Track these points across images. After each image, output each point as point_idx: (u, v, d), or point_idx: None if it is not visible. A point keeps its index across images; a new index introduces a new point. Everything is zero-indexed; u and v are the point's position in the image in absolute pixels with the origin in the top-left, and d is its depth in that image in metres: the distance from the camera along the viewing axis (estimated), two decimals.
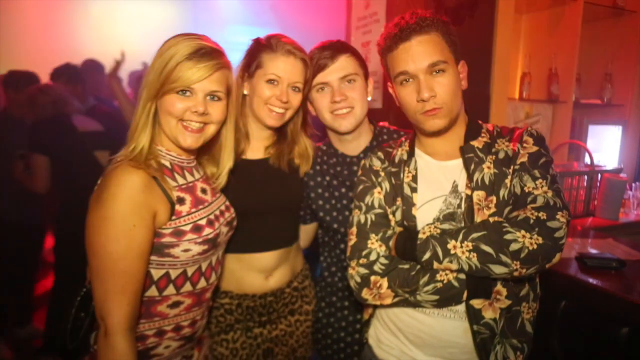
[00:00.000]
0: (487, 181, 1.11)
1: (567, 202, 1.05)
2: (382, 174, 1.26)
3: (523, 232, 0.98)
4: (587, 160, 2.73)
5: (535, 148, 1.12)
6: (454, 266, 1.03)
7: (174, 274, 1.12)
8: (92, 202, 1.03)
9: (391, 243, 1.17)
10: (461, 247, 1.02)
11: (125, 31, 5.27)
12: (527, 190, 1.06)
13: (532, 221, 0.99)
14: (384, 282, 1.11)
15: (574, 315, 1.55)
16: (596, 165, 2.67)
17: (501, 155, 1.14)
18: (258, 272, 1.46)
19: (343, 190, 1.50)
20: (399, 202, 1.20)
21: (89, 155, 2.71)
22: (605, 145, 3.08)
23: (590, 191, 2.58)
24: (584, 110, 3.05)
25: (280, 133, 1.51)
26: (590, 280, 1.53)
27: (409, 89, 1.14)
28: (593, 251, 1.84)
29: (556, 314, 1.59)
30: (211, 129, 1.17)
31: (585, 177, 2.56)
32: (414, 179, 1.20)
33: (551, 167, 1.10)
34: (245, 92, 1.42)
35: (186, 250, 1.10)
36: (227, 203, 1.31)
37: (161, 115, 1.12)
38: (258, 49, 1.38)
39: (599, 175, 2.59)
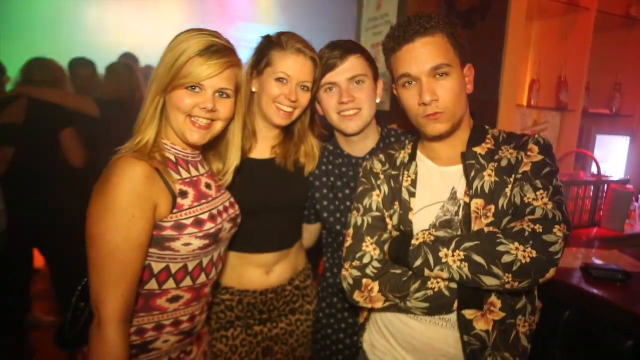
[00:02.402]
0: (487, 189, 1.08)
1: (568, 216, 1.02)
2: (382, 176, 1.25)
3: (517, 244, 0.95)
4: (594, 170, 2.71)
5: (539, 157, 1.08)
6: (445, 275, 1.02)
7: (174, 268, 1.12)
8: (94, 191, 1.03)
9: (386, 247, 1.16)
10: (453, 256, 1.00)
11: (133, 27, 5.29)
12: (526, 201, 1.03)
13: (527, 233, 0.96)
14: (375, 286, 1.10)
15: (578, 326, 1.54)
16: (603, 175, 2.65)
17: (504, 163, 1.11)
18: (258, 267, 1.46)
19: (347, 191, 1.50)
20: (396, 206, 1.19)
21: None
22: (612, 156, 3.06)
23: (596, 201, 2.56)
24: (592, 120, 3.03)
25: (287, 132, 1.51)
26: (595, 291, 1.51)
27: (411, 91, 1.12)
28: (598, 262, 1.83)
29: (560, 324, 1.57)
30: (218, 126, 1.17)
31: (592, 187, 2.54)
32: (413, 183, 1.19)
33: (555, 178, 1.07)
34: (254, 89, 1.42)
35: (187, 245, 1.10)
36: (232, 200, 1.31)
37: (169, 110, 1.12)
38: (268, 47, 1.38)
39: (606, 186, 2.57)
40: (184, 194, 1.12)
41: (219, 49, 1.10)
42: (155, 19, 5.48)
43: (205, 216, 1.14)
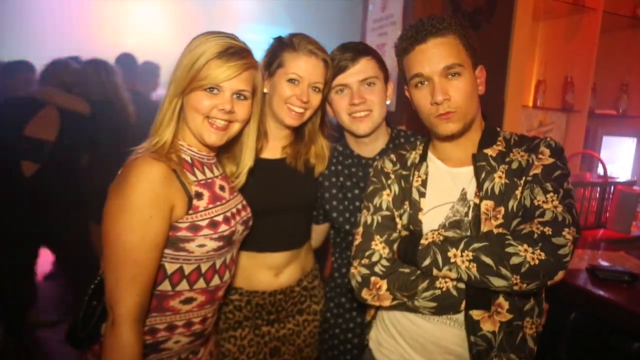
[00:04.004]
0: (497, 191, 1.09)
1: (578, 219, 1.02)
2: (393, 176, 1.26)
3: (525, 246, 0.96)
4: (600, 171, 2.70)
5: (550, 160, 1.09)
6: (453, 275, 1.03)
7: (187, 269, 1.12)
8: (111, 190, 1.04)
9: (395, 246, 1.16)
10: (461, 256, 1.01)
11: (140, 28, 5.32)
12: (536, 204, 1.03)
13: (536, 236, 0.97)
14: (384, 284, 1.11)
15: (584, 328, 1.54)
16: (609, 176, 2.64)
17: (515, 165, 1.11)
18: (268, 269, 1.47)
19: (356, 191, 1.50)
20: (406, 205, 1.20)
21: None
22: (619, 157, 3.04)
23: (603, 203, 2.55)
24: (599, 121, 3.01)
25: (297, 133, 1.52)
26: (602, 292, 1.51)
27: (423, 91, 1.13)
28: (604, 263, 1.82)
29: (566, 325, 1.57)
30: (235, 127, 1.18)
31: (598, 188, 2.53)
32: (423, 183, 1.20)
33: (566, 181, 1.07)
34: (265, 90, 1.42)
35: (201, 246, 1.11)
36: (244, 202, 1.32)
37: (187, 112, 1.12)
38: (280, 48, 1.38)
39: (612, 187, 2.56)
40: (199, 196, 1.12)
41: (237, 51, 1.10)
42: (161, 20, 5.52)
43: (219, 218, 1.15)
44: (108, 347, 1.00)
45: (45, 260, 3.46)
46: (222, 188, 1.22)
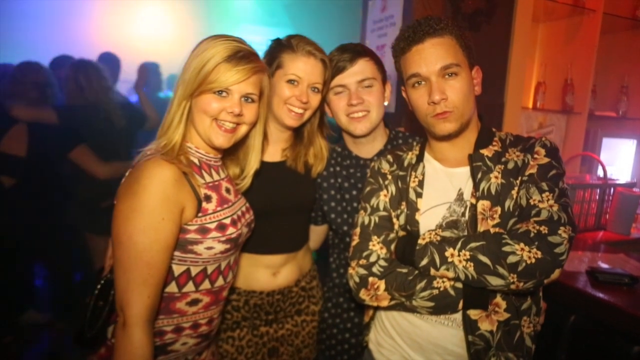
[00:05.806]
0: (493, 191, 1.10)
1: (573, 218, 1.03)
2: (390, 177, 1.26)
3: (522, 245, 0.97)
4: (600, 173, 2.69)
5: (546, 160, 1.10)
6: (451, 274, 1.03)
7: (194, 270, 1.13)
8: (121, 192, 1.04)
9: (393, 246, 1.17)
10: (459, 255, 1.01)
11: (140, 28, 5.32)
12: (532, 203, 1.04)
13: (532, 234, 0.97)
14: (382, 284, 1.12)
15: (584, 331, 1.53)
16: (609, 178, 2.63)
17: (510, 165, 1.12)
18: (265, 268, 1.48)
19: (354, 192, 1.50)
20: (403, 206, 1.20)
21: None
22: (619, 159, 3.04)
23: (602, 205, 2.54)
24: (599, 123, 3.00)
25: (297, 134, 1.52)
26: (601, 295, 1.50)
27: (420, 91, 1.14)
28: (604, 266, 1.81)
29: (565, 328, 1.56)
30: (243, 130, 1.19)
31: (598, 190, 2.52)
32: (420, 184, 1.20)
33: (561, 180, 1.08)
34: None
35: (209, 248, 1.12)
36: (248, 205, 1.33)
37: (196, 114, 1.13)
38: (279, 49, 1.39)
39: (612, 189, 2.55)
40: (208, 198, 1.13)
41: (245, 55, 1.12)
42: (161, 20, 5.51)
43: (227, 220, 1.16)
44: (120, 348, 1.00)
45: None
46: (228, 190, 1.23)
